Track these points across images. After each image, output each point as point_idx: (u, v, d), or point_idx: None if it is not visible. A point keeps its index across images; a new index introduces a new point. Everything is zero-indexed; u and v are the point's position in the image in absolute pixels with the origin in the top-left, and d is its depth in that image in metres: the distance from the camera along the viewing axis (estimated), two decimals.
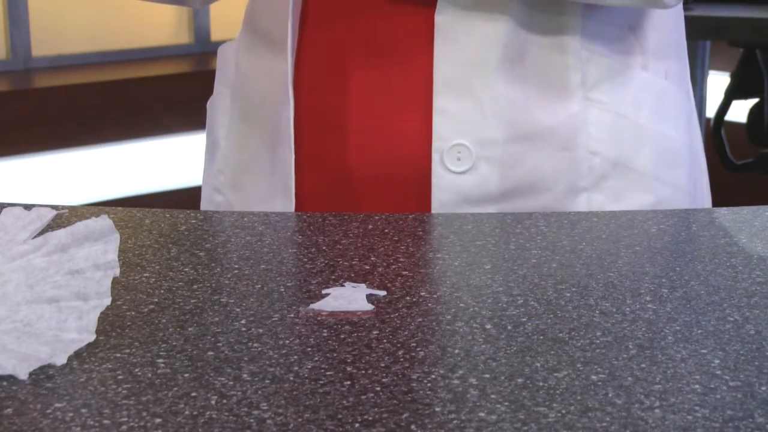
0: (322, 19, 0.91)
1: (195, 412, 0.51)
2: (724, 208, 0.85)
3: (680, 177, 0.95)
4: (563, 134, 0.89)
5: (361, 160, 0.90)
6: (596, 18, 0.89)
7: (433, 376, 0.55)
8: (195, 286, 0.68)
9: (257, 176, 0.95)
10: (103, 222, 0.59)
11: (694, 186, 0.97)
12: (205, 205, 1.02)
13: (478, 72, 0.87)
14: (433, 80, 0.87)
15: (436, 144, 0.88)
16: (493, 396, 0.52)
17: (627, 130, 0.91)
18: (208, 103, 1.03)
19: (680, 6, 0.96)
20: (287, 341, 0.59)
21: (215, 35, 4.27)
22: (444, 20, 0.87)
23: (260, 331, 0.60)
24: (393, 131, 0.89)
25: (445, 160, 0.88)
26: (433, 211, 0.88)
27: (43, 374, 0.55)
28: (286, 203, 0.91)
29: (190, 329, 0.61)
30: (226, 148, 0.98)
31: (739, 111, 2.90)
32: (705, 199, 1.00)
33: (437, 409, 0.51)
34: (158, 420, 0.50)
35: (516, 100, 0.88)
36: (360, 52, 0.90)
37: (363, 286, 0.67)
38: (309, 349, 0.58)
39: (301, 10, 0.91)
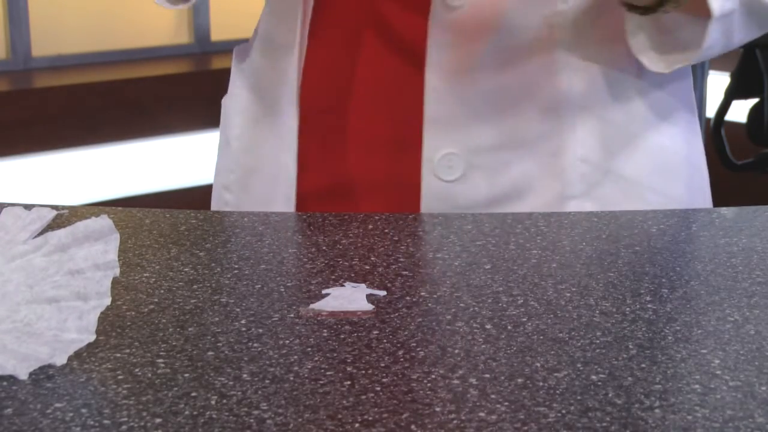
0: (330, 29, 0.91)
1: (195, 412, 0.51)
2: (724, 208, 0.85)
3: (676, 188, 0.94)
4: (553, 141, 0.88)
5: (360, 167, 0.91)
6: (588, 31, 0.89)
7: (433, 376, 0.55)
8: (195, 286, 0.68)
9: (262, 180, 0.96)
10: (103, 222, 0.59)
11: (692, 197, 0.96)
12: (215, 200, 1.03)
13: (468, 81, 0.87)
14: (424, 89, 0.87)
15: (427, 153, 0.87)
16: (493, 396, 0.52)
17: (618, 137, 0.90)
18: (223, 100, 1.03)
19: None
20: (287, 341, 0.59)
21: (215, 35, 4.27)
22: (436, 32, 0.86)
23: (260, 331, 0.60)
24: (390, 139, 0.90)
25: (436, 169, 0.87)
26: None
27: (43, 374, 0.55)
28: (287, 209, 0.92)
29: (190, 329, 0.61)
30: (238, 149, 0.99)
31: (739, 111, 2.90)
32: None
33: (437, 409, 0.51)
34: (158, 420, 0.50)
35: (506, 108, 0.88)
36: (362, 61, 0.90)
37: (363, 286, 0.67)
38: (309, 349, 0.58)
39: (310, 20, 0.92)
